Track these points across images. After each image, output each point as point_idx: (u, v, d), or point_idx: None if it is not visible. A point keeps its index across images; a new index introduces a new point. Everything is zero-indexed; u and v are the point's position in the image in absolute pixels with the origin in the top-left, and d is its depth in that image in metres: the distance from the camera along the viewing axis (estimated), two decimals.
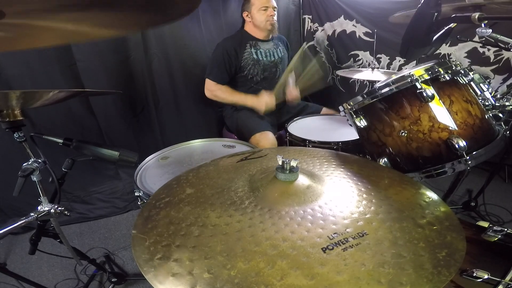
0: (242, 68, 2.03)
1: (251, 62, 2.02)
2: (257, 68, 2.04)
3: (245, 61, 2.01)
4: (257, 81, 2.07)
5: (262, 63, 2.04)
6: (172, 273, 0.52)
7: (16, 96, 0.87)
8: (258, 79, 2.06)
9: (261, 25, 2.00)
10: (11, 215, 1.90)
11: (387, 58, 2.54)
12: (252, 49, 2.03)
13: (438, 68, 1.04)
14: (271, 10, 1.98)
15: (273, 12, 1.98)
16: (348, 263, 0.52)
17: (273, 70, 2.10)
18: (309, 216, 0.63)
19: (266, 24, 1.99)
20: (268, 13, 1.97)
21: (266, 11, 1.97)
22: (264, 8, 1.97)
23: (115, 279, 1.47)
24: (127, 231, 1.95)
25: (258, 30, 2.04)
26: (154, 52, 2.16)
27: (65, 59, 1.87)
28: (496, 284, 0.68)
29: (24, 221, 0.97)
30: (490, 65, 2.11)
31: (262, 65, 2.04)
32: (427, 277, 0.50)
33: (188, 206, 0.70)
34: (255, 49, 2.04)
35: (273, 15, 1.99)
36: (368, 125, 1.14)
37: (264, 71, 2.06)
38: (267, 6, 1.96)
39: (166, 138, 2.34)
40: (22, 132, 1.00)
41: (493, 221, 1.82)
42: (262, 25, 2.00)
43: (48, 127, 1.91)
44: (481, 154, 1.01)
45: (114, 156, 1.10)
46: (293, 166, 0.73)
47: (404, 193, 0.74)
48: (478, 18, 0.98)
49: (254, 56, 2.02)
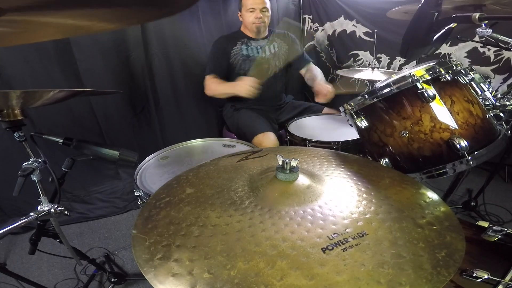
0: (232, 65, 2.05)
1: (240, 58, 2.05)
2: (247, 63, 2.05)
3: (234, 57, 2.04)
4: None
5: (253, 58, 2.06)
6: (172, 273, 0.52)
7: (16, 96, 0.87)
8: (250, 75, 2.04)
9: (248, 26, 2.05)
10: (11, 214, 1.90)
11: (387, 58, 2.54)
12: (243, 45, 2.06)
13: (439, 68, 1.03)
14: (258, 12, 1.99)
15: (259, 14, 1.99)
16: (347, 263, 0.52)
17: (265, 66, 2.09)
18: (309, 216, 0.63)
19: (252, 26, 2.02)
20: (254, 15, 1.99)
21: (253, 12, 1.99)
22: (251, 10, 1.99)
23: (115, 279, 1.47)
24: (127, 231, 1.95)
25: (248, 30, 2.09)
26: (154, 52, 2.16)
27: (66, 59, 1.87)
28: (496, 284, 0.68)
29: (24, 221, 0.97)
30: (491, 65, 2.11)
31: (253, 60, 2.05)
32: (426, 277, 0.50)
33: (188, 206, 0.70)
34: (246, 46, 2.07)
35: (259, 17, 1.99)
36: (369, 126, 1.14)
37: (256, 67, 2.06)
38: (253, 8, 1.98)
39: (166, 138, 2.34)
40: (22, 132, 1.00)
41: (493, 221, 1.82)
42: (249, 26, 2.04)
43: (48, 126, 1.92)
44: (483, 154, 1.01)
45: (114, 155, 1.09)
46: (293, 166, 0.73)
47: (404, 193, 0.74)
48: (478, 18, 0.98)
49: (243, 52, 2.05)
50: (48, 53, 1.83)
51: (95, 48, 1.94)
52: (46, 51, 1.82)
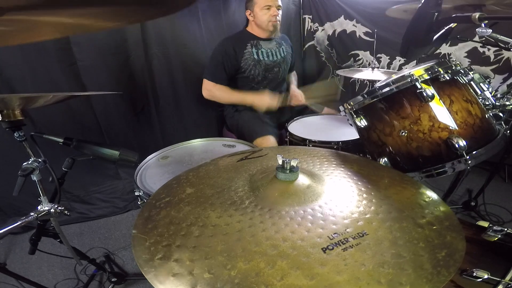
0: (242, 69, 1.98)
1: (251, 63, 1.98)
2: (258, 68, 2.00)
3: (245, 62, 1.97)
4: (258, 81, 2.04)
5: (264, 63, 2.00)
6: (173, 273, 0.52)
7: (16, 99, 0.87)
8: (259, 79, 2.04)
9: (263, 25, 1.95)
10: (11, 214, 1.90)
11: (387, 58, 2.54)
12: (253, 49, 1.98)
13: (438, 68, 1.04)
14: (274, 9, 1.92)
15: (276, 12, 1.93)
16: (348, 263, 0.52)
17: (275, 70, 2.06)
18: (309, 216, 0.63)
19: (268, 24, 1.94)
20: (271, 13, 1.91)
21: (269, 10, 1.91)
22: (267, 7, 1.90)
23: (115, 279, 1.47)
24: (127, 231, 1.95)
25: (260, 30, 1.99)
26: (154, 52, 2.15)
27: (66, 59, 1.87)
28: (496, 284, 0.68)
29: (24, 220, 0.97)
30: (490, 64, 2.11)
31: (264, 65, 2.00)
32: (427, 277, 0.50)
33: (188, 206, 0.70)
34: (256, 49, 1.99)
35: (276, 15, 1.93)
36: (368, 125, 1.14)
37: (266, 71, 2.02)
38: (270, 5, 1.90)
39: (166, 138, 2.34)
40: (22, 132, 1.00)
41: (493, 221, 1.82)
42: (264, 24, 1.95)
43: (48, 126, 1.91)
44: (481, 154, 1.01)
45: (115, 155, 1.10)
46: (293, 165, 0.73)
47: (404, 193, 0.74)
48: (478, 18, 0.98)
49: (255, 56, 1.98)
50: (48, 53, 1.82)
51: (95, 48, 1.94)
52: (46, 51, 1.81)
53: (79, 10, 0.54)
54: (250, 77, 2.01)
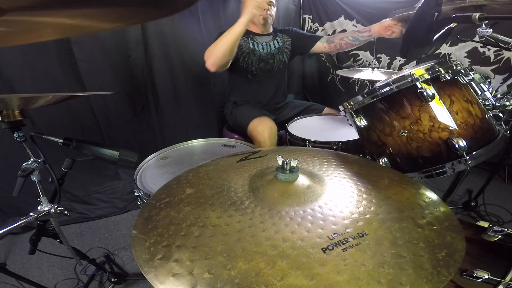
0: (237, 55, 1.95)
1: (246, 51, 2.01)
2: (252, 57, 2.02)
3: (240, 48, 1.98)
4: (252, 72, 2.06)
5: (258, 53, 2.04)
6: (173, 273, 0.52)
7: (16, 100, 0.87)
8: (253, 69, 2.05)
9: (254, 19, 1.97)
10: (11, 214, 1.90)
11: (387, 58, 2.54)
12: (249, 39, 2.03)
13: (438, 68, 1.03)
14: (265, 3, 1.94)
15: (266, 6, 1.96)
16: (348, 263, 0.52)
17: (270, 61, 2.08)
18: (309, 216, 0.63)
19: (259, 18, 1.97)
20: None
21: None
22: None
23: (115, 279, 1.47)
24: (127, 231, 1.95)
25: (253, 24, 2.03)
26: (154, 51, 2.16)
27: (66, 59, 1.87)
28: (496, 284, 0.68)
29: (24, 221, 0.97)
30: (490, 65, 2.11)
31: (258, 55, 2.03)
32: (427, 277, 0.50)
33: (188, 206, 0.70)
34: (252, 41, 2.04)
35: (266, 9, 1.95)
36: (368, 125, 1.14)
37: (260, 62, 2.05)
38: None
39: (166, 138, 2.34)
40: (22, 132, 1.00)
41: (493, 221, 1.82)
42: (256, 19, 1.98)
43: (48, 126, 1.92)
44: (481, 154, 1.01)
45: (114, 156, 1.09)
46: (293, 166, 0.73)
47: (404, 193, 0.74)
48: (478, 18, 0.98)
49: (250, 45, 2.02)
50: (48, 53, 1.82)
51: (95, 48, 1.94)
52: (46, 51, 1.82)
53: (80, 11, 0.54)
54: (244, 65, 2.03)
